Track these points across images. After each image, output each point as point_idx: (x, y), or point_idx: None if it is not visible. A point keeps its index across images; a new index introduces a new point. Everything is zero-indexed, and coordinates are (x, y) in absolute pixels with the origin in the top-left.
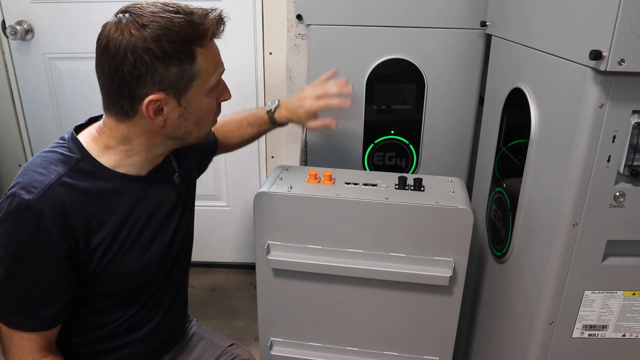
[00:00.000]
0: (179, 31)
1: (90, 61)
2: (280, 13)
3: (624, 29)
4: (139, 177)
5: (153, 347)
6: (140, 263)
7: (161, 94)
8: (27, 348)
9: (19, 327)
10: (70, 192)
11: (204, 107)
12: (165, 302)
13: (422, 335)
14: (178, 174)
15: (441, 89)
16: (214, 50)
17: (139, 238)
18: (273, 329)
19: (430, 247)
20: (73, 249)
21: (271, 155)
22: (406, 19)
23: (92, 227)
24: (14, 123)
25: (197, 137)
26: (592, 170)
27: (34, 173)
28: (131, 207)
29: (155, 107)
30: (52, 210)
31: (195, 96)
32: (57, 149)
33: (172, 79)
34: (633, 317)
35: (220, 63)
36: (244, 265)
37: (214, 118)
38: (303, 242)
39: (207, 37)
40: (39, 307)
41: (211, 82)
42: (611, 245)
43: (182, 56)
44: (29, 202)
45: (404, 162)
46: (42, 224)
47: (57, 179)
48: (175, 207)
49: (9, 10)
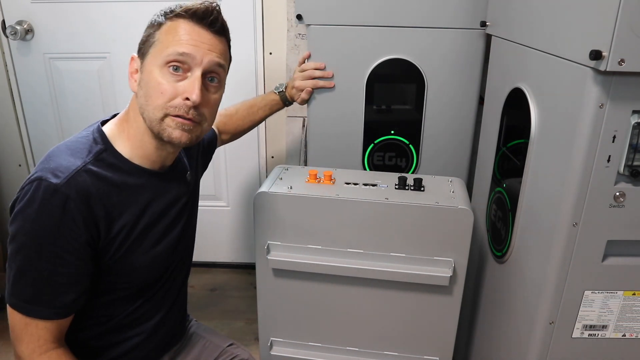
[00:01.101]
0: (169, 6)
1: (90, 61)
2: (280, 13)
3: (624, 29)
4: (157, 173)
5: (155, 344)
6: (151, 256)
7: (136, 55)
8: (42, 337)
9: (36, 314)
10: (94, 180)
11: (153, 80)
12: (168, 298)
13: (422, 335)
14: (190, 172)
15: (441, 89)
16: (182, 30)
17: (153, 231)
18: (273, 329)
19: (430, 247)
20: (94, 236)
21: (271, 155)
22: (406, 19)
23: (112, 216)
24: (14, 123)
25: (149, 119)
26: (592, 170)
27: (59, 159)
28: (148, 200)
29: (132, 68)
30: (78, 195)
31: (149, 64)
32: (82, 138)
33: (142, 41)
34: (633, 317)
35: (183, 44)
36: (244, 265)
37: (167, 105)
38: (303, 242)
39: (180, 15)
40: (57, 294)
41: (165, 55)
42: (611, 245)
43: (155, 23)
44: (57, 186)
45: (404, 162)
46: (67, 208)
47: (83, 166)
48: (186, 204)
49: (9, 10)
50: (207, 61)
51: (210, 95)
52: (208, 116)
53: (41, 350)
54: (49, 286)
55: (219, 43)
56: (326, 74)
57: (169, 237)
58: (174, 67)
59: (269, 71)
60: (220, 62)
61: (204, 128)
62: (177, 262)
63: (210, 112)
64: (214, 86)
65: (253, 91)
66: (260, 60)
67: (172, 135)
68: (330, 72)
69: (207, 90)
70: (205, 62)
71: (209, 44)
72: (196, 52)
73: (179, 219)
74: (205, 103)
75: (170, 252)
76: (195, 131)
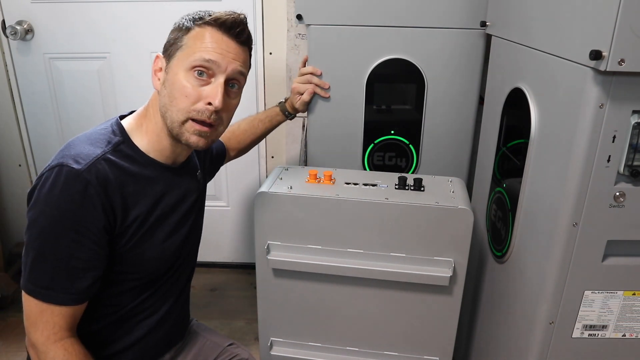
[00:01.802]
0: (198, 12)
1: (90, 61)
2: (280, 13)
3: (624, 29)
4: (170, 168)
5: (157, 339)
6: (161, 249)
7: (161, 54)
8: (57, 324)
9: (52, 300)
10: (112, 169)
11: (178, 82)
12: (173, 294)
13: (422, 335)
14: (200, 171)
15: (441, 89)
16: (209, 37)
17: (164, 224)
18: (273, 329)
19: (430, 247)
20: (111, 222)
21: (271, 155)
22: (406, 19)
23: (128, 204)
24: (14, 123)
25: (171, 120)
26: (592, 170)
27: (80, 147)
28: (161, 193)
29: (157, 66)
30: (98, 182)
31: (175, 66)
32: (101, 130)
33: (169, 43)
34: (633, 317)
35: (210, 51)
36: (244, 265)
37: (190, 109)
38: (303, 242)
39: (209, 23)
40: (74, 280)
41: (191, 60)
42: (611, 245)
43: (182, 27)
44: (79, 171)
45: (404, 162)
46: (88, 193)
47: (103, 154)
48: (196, 201)
49: (9, 10)
50: (231, 69)
51: (231, 101)
52: (225, 120)
53: (56, 338)
54: (66, 271)
55: (243, 53)
56: (323, 83)
57: (179, 231)
58: (199, 72)
59: (269, 71)
60: (242, 70)
61: (220, 131)
62: (184, 258)
63: (227, 117)
64: (234, 92)
65: (253, 91)
66: (260, 60)
67: (189, 139)
68: (327, 84)
69: (228, 96)
70: (229, 70)
71: (234, 53)
72: (221, 60)
73: (189, 214)
74: (225, 108)
75: (179, 246)
76: (211, 136)
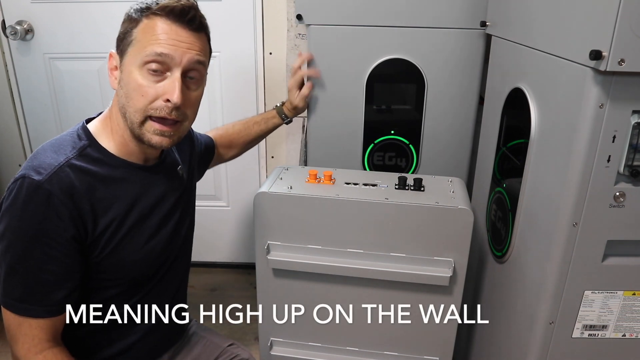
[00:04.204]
0: (144, 1)
1: (90, 61)
2: (280, 13)
3: (624, 29)
4: (144, 167)
5: (153, 343)
6: (144, 252)
7: (114, 51)
8: (36, 337)
9: (28, 313)
10: (78, 175)
11: (132, 81)
12: (165, 296)
13: (422, 335)
14: (182, 166)
15: (441, 89)
16: (159, 29)
17: (144, 226)
18: (273, 329)
19: (430, 247)
20: (81, 231)
21: (271, 155)
22: (406, 19)
23: (98, 211)
24: (14, 123)
25: (130, 121)
26: (592, 170)
27: (43, 157)
28: (136, 195)
29: (112, 64)
30: (62, 191)
31: (128, 64)
32: (67, 136)
33: (119, 38)
34: (633, 317)
35: (161, 44)
36: (244, 265)
37: (148, 108)
38: (303, 242)
39: (156, 13)
40: (48, 292)
41: (143, 55)
42: (611, 245)
43: (132, 20)
44: (39, 182)
45: (404, 162)
46: (51, 204)
47: (66, 161)
48: (179, 199)
49: (9, 10)
50: (187, 60)
51: (191, 93)
52: (190, 114)
53: (36, 350)
54: (39, 284)
55: (198, 40)
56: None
57: (161, 232)
58: (152, 68)
59: (269, 71)
60: (200, 59)
61: (185, 126)
62: (173, 259)
63: (192, 110)
64: (194, 83)
65: (253, 91)
66: (260, 60)
67: (151, 140)
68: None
69: (188, 89)
70: (185, 62)
71: (187, 42)
72: (175, 52)
73: (171, 213)
74: (186, 102)
75: (163, 248)
76: (176, 134)
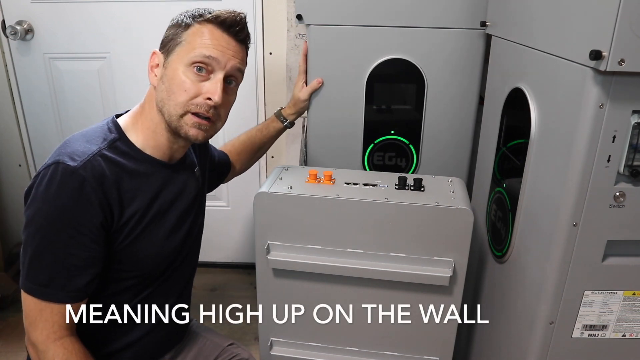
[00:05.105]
0: (197, 10)
1: (90, 61)
2: (280, 13)
3: (624, 29)
4: (167, 164)
5: (157, 339)
6: (160, 245)
7: (158, 50)
8: (56, 323)
9: (52, 298)
10: (109, 165)
11: (177, 77)
12: (173, 293)
13: (422, 335)
14: (199, 168)
15: (441, 89)
16: (208, 34)
17: (162, 220)
18: (273, 329)
19: (430, 247)
20: (108, 219)
21: (271, 155)
22: (406, 19)
23: (124, 201)
24: (14, 123)
25: (169, 114)
26: (592, 170)
27: (76, 145)
28: (158, 189)
29: (154, 62)
30: (94, 178)
31: (174, 62)
32: (97, 128)
33: (167, 39)
34: (633, 317)
35: (210, 48)
36: (244, 265)
37: (189, 103)
38: (303, 242)
39: (210, 20)
40: (72, 277)
41: (191, 56)
42: (611, 245)
43: (182, 24)
44: (74, 168)
45: (404, 162)
46: (84, 190)
47: (98, 151)
48: (195, 198)
49: (9, 10)
50: (230, 66)
51: (228, 97)
52: (223, 115)
53: (55, 337)
54: (65, 268)
55: (241, 51)
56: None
57: (181, 228)
58: (198, 68)
59: (269, 71)
60: (241, 67)
61: (218, 127)
62: (184, 257)
63: (225, 112)
64: (231, 88)
65: (253, 91)
66: (260, 60)
67: (189, 132)
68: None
69: (226, 92)
70: (229, 67)
71: (233, 50)
72: (221, 57)
73: (188, 212)
74: (223, 104)
75: (179, 244)
76: (210, 130)
